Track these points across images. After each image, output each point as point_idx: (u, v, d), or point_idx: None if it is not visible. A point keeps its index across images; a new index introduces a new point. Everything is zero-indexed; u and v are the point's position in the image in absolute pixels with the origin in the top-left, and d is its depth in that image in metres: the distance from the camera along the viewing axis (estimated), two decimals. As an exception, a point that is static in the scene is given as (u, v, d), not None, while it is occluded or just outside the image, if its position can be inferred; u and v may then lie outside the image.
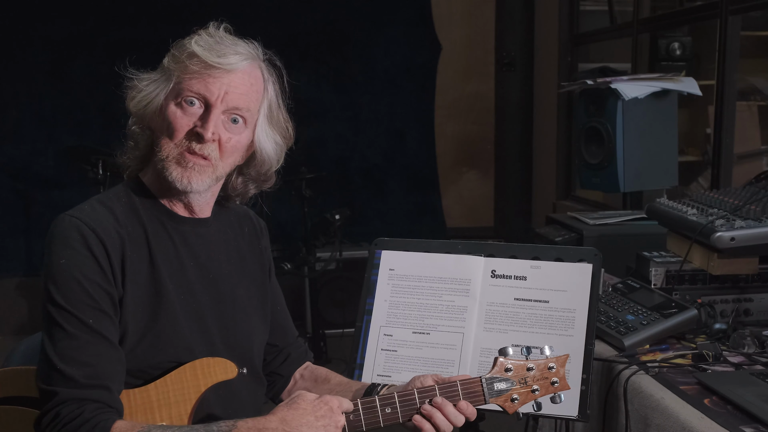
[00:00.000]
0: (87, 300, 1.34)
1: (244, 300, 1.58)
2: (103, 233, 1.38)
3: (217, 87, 1.42)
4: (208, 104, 1.43)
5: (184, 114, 1.43)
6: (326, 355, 4.51)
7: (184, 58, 1.43)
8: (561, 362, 1.45)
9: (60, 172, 5.17)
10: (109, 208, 1.44)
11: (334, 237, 4.59)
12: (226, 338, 1.52)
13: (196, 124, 1.42)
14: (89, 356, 1.32)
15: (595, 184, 3.31)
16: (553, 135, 5.26)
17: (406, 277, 1.77)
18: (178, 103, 1.43)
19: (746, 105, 3.84)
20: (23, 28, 5.13)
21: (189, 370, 1.42)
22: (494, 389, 1.42)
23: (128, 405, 1.39)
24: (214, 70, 1.42)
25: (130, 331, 1.39)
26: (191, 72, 1.42)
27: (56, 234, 1.38)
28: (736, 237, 1.86)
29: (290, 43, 5.18)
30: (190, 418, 1.41)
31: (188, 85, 1.42)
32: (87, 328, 1.33)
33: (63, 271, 1.34)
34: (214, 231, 1.56)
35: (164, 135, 1.44)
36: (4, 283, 5.13)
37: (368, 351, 1.73)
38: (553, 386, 1.43)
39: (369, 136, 5.71)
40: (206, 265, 1.52)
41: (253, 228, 1.68)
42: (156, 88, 1.46)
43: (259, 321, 1.62)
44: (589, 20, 5.07)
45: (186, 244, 1.50)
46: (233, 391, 1.50)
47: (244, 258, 1.62)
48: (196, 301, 1.48)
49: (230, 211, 1.64)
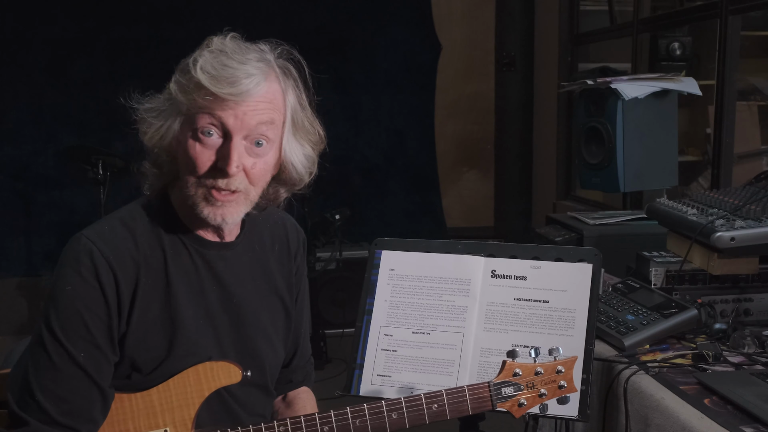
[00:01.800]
0: (83, 333, 1.32)
1: (265, 322, 1.54)
2: (116, 262, 1.33)
3: (232, 115, 1.31)
4: (227, 133, 1.32)
5: (204, 147, 1.33)
6: (326, 355, 4.51)
7: (192, 89, 1.31)
8: (569, 365, 1.44)
9: (60, 172, 5.17)
10: (130, 228, 1.39)
11: (334, 237, 4.59)
12: (246, 363, 1.46)
13: (218, 157, 1.32)
14: (68, 392, 1.31)
15: (595, 184, 3.31)
16: (553, 135, 5.26)
17: (407, 277, 1.77)
18: (195, 136, 1.33)
19: (746, 105, 3.84)
20: (23, 28, 5.12)
21: (192, 374, 1.41)
22: (502, 394, 1.40)
23: (130, 409, 1.38)
24: (226, 102, 1.30)
25: (141, 360, 1.37)
26: (201, 106, 1.31)
27: (69, 255, 1.34)
28: (736, 237, 1.86)
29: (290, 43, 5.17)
30: (193, 423, 1.40)
31: (201, 118, 1.32)
32: (73, 363, 1.31)
33: (66, 298, 1.32)
34: (240, 252, 1.50)
35: (187, 171, 1.35)
36: (4, 283, 5.13)
37: (368, 351, 1.73)
38: (560, 390, 1.42)
39: (369, 136, 5.71)
40: (229, 289, 1.47)
41: (286, 246, 1.61)
42: (167, 119, 1.36)
43: (279, 344, 1.59)
44: (589, 20, 5.07)
45: (209, 268, 1.45)
46: (237, 396, 1.49)
47: (272, 277, 1.56)
48: (214, 325, 1.45)
49: (263, 223, 1.57)
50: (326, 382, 4.04)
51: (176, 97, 1.34)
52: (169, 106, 1.36)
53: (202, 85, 1.30)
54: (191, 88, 1.32)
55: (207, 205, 1.36)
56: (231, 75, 1.30)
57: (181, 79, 1.34)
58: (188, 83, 1.32)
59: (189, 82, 1.32)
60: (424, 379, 1.66)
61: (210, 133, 1.33)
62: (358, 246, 4.85)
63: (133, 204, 1.45)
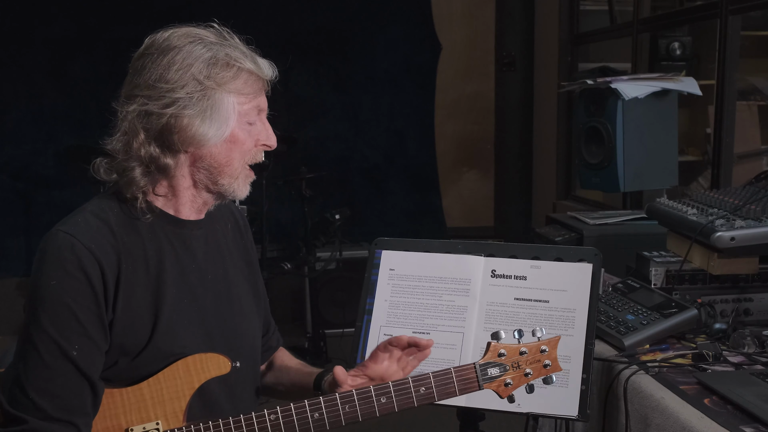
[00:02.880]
0: (75, 326, 1.32)
1: (241, 298, 1.57)
2: (98, 251, 1.34)
3: (264, 100, 1.48)
4: (260, 113, 1.47)
5: (251, 132, 1.45)
6: (326, 355, 4.51)
7: (243, 77, 1.41)
8: (553, 344, 1.47)
9: (60, 172, 5.17)
10: (103, 219, 1.39)
11: (334, 237, 4.59)
12: (229, 340, 1.51)
13: (259, 138, 1.46)
14: (61, 387, 1.32)
15: (595, 184, 3.31)
16: (553, 135, 5.26)
17: (407, 276, 1.77)
18: (245, 125, 1.44)
19: (746, 105, 3.84)
20: (23, 28, 5.13)
21: (182, 366, 1.41)
22: (488, 375, 1.44)
23: (122, 404, 1.38)
24: (262, 83, 1.45)
25: (129, 344, 1.38)
26: (250, 92, 1.44)
27: (48, 251, 1.33)
28: (736, 237, 1.86)
29: (290, 43, 5.18)
30: (184, 415, 1.41)
31: (252, 108, 1.44)
32: (65, 359, 1.31)
33: (53, 294, 1.31)
34: (207, 231, 1.54)
35: (235, 157, 1.44)
36: (4, 283, 5.13)
37: (368, 351, 1.73)
38: (545, 369, 1.46)
39: (369, 136, 5.71)
40: (204, 266, 1.50)
41: (236, 224, 1.65)
42: (217, 121, 1.39)
43: (255, 318, 1.62)
44: (589, 20, 5.07)
45: (185, 247, 1.47)
46: (228, 386, 1.49)
47: (233, 256, 1.60)
48: (198, 305, 1.47)
49: (214, 208, 1.59)
50: (326, 382, 4.04)
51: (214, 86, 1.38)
52: (211, 104, 1.39)
53: (251, 71, 1.41)
54: (241, 77, 1.41)
55: (244, 185, 1.47)
56: (259, 61, 1.45)
57: (221, 72, 1.38)
58: (237, 76, 1.40)
59: (234, 71, 1.40)
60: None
61: (255, 118, 1.46)
62: (358, 246, 4.85)
63: (96, 199, 1.46)
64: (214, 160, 1.43)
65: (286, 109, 5.34)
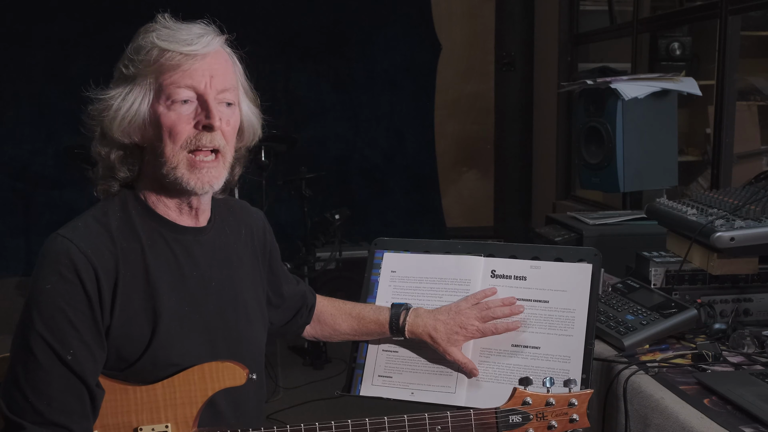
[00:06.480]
0: (69, 330, 1.31)
1: (246, 306, 1.56)
2: (95, 256, 1.34)
3: (200, 74, 1.38)
4: (200, 95, 1.39)
5: (181, 114, 1.38)
6: (326, 354, 4.51)
7: (155, 58, 1.37)
8: (583, 398, 1.41)
9: (60, 172, 5.17)
10: (104, 224, 1.40)
11: (334, 237, 4.59)
12: (233, 347, 1.49)
13: (198, 120, 1.38)
14: (58, 391, 1.31)
15: (595, 184, 3.31)
16: (553, 135, 5.26)
17: (408, 278, 1.77)
18: (169, 106, 1.38)
19: (746, 105, 3.84)
20: (23, 27, 5.13)
21: (197, 373, 1.41)
22: (508, 422, 1.38)
23: (134, 402, 1.38)
24: (190, 59, 1.37)
25: (128, 350, 1.38)
26: (169, 69, 1.37)
27: (46, 255, 1.34)
28: (735, 237, 1.86)
29: (290, 43, 5.18)
30: (194, 422, 1.41)
31: (172, 82, 1.37)
32: (61, 363, 1.31)
33: (48, 297, 1.32)
34: (213, 236, 1.52)
35: (165, 142, 1.38)
36: (4, 283, 5.13)
37: (369, 351, 1.73)
38: (571, 423, 1.39)
39: (369, 136, 5.72)
40: (208, 274, 1.49)
41: (249, 230, 1.63)
42: (133, 100, 1.39)
43: (260, 326, 1.60)
44: (589, 20, 5.07)
45: (188, 254, 1.46)
46: (241, 397, 1.49)
47: (243, 262, 1.58)
48: (199, 312, 1.45)
49: (224, 207, 1.59)
50: (326, 381, 4.04)
51: (135, 73, 1.39)
52: (132, 86, 1.40)
53: (164, 49, 1.37)
54: (153, 57, 1.38)
55: (191, 175, 1.39)
56: (186, 37, 1.39)
57: (136, 56, 1.40)
58: (148, 56, 1.38)
59: (149, 54, 1.38)
60: (424, 379, 1.66)
61: (186, 101, 1.38)
62: (358, 246, 4.85)
63: (101, 203, 1.47)
64: (152, 148, 1.41)
65: (286, 109, 5.35)
